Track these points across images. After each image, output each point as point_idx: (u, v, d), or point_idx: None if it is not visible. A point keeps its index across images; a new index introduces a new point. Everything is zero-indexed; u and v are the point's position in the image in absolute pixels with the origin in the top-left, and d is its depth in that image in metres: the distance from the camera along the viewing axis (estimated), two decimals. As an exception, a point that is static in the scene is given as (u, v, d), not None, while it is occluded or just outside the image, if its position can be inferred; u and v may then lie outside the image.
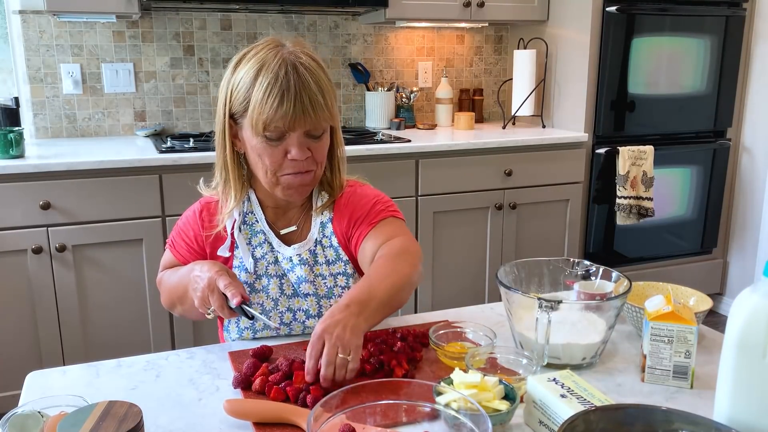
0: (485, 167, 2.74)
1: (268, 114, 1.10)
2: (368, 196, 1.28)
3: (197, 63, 2.88)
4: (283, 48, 1.14)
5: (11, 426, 0.82)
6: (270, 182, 1.18)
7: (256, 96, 1.11)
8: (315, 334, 0.97)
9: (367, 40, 3.13)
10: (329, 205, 1.27)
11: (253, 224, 1.26)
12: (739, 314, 0.80)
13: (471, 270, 2.83)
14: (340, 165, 1.27)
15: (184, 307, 1.23)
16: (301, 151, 1.13)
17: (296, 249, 1.25)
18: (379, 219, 1.24)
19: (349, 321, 0.98)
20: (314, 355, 0.96)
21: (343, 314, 0.99)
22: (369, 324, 1.02)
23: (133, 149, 2.45)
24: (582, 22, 2.86)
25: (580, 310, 1.07)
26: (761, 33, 3.10)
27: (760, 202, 3.16)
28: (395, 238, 1.19)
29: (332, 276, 1.26)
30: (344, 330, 0.97)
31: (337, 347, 0.95)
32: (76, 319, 2.29)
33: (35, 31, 2.64)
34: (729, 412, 0.82)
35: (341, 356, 0.95)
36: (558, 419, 0.83)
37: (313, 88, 1.11)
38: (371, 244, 1.20)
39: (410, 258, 1.16)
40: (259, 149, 1.14)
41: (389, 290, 1.07)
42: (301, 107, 1.10)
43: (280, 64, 1.11)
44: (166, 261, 1.31)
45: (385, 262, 1.13)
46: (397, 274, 1.10)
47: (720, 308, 3.36)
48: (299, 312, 1.25)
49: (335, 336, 0.96)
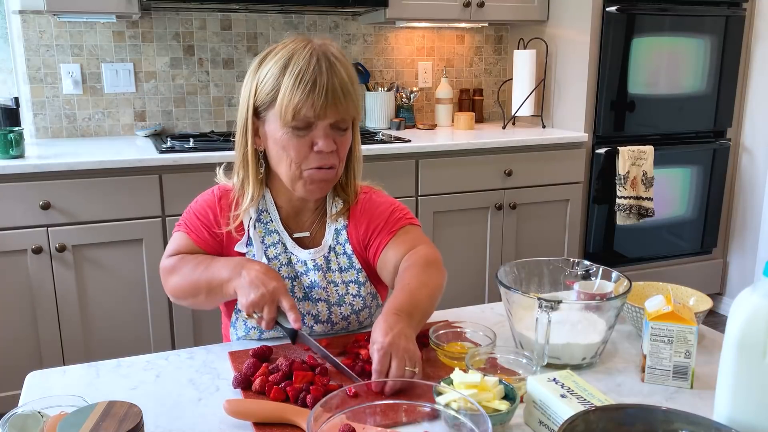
0: (485, 167, 2.74)
1: (299, 99, 1.09)
2: (384, 204, 1.27)
3: (197, 63, 2.88)
4: (311, 42, 1.15)
5: (11, 426, 0.82)
6: (293, 176, 1.16)
7: (286, 83, 1.10)
8: (381, 348, 0.96)
9: (367, 40, 3.13)
10: (344, 212, 1.26)
11: (268, 223, 1.25)
12: (739, 314, 0.80)
13: (471, 270, 2.83)
14: (356, 166, 1.26)
15: (206, 298, 1.17)
16: (328, 143, 1.13)
17: (312, 254, 1.24)
18: (399, 227, 1.23)
19: (407, 331, 0.99)
20: (384, 371, 0.96)
21: (400, 324, 0.99)
22: (416, 333, 1.03)
23: (133, 149, 2.46)
24: (582, 22, 2.86)
25: (580, 310, 1.07)
26: (761, 33, 3.10)
27: (760, 202, 3.16)
28: (419, 247, 1.20)
29: (344, 284, 1.25)
30: (408, 342, 0.97)
31: (405, 360, 0.96)
32: (76, 319, 2.29)
33: (35, 31, 2.64)
34: (729, 412, 0.82)
35: (409, 369, 0.95)
36: (558, 419, 0.83)
37: (344, 76, 1.12)
38: (393, 253, 1.20)
39: (438, 266, 1.18)
40: (284, 141, 1.14)
41: (429, 299, 1.09)
42: (333, 95, 1.10)
43: (311, 53, 1.11)
44: (181, 245, 1.23)
45: (417, 272, 1.14)
46: (432, 283, 1.13)
47: (720, 308, 3.36)
48: (308, 316, 1.23)
49: (402, 349, 0.96)
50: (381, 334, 0.97)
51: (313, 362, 1.05)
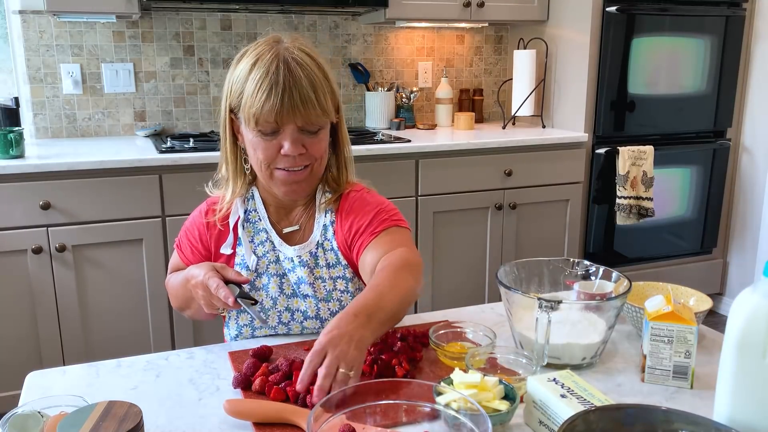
0: (485, 167, 2.74)
1: (257, 108, 1.11)
2: (371, 204, 1.25)
3: (197, 63, 2.88)
4: (280, 44, 1.15)
5: (11, 426, 0.82)
6: (265, 176, 1.18)
7: (248, 90, 1.12)
8: (319, 343, 0.92)
9: (367, 40, 3.13)
10: (333, 202, 1.26)
11: (256, 222, 1.26)
12: (739, 314, 0.80)
13: (471, 270, 2.83)
14: (347, 164, 1.26)
15: (192, 310, 1.25)
16: (294, 147, 1.13)
17: (297, 250, 1.24)
18: (382, 229, 1.22)
19: (356, 334, 0.93)
20: (312, 365, 0.91)
21: (350, 326, 0.94)
22: (375, 336, 0.98)
23: (133, 149, 2.45)
24: (582, 22, 2.86)
25: (580, 310, 1.07)
26: (761, 33, 3.10)
27: (760, 202, 3.16)
28: (397, 249, 1.16)
29: (332, 279, 1.25)
30: (349, 344, 0.92)
31: (339, 361, 0.90)
32: (76, 319, 2.29)
33: (35, 31, 2.64)
34: (729, 412, 0.82)
35: (342, 371, 0.90)
36: (558, 419, 0.83)
37: (303, 83, 1.11)
38: (372, 255, 1.18)
39: (413, 271, 1.13)
40: (254, 143, 1.15)
41: (396, 302, 1.04)
42: (290, 102, 1.10)
43: (272, 59, 1.12)
44: (174, 263, 1.32)
45: (390, 273, 1.09)
46: (403, 286, 1.07)
47: (720, 308, 3.36)
48: (297, 312, 1.24)
49: (339, 350, 0.91)
50: (324, 333, 0.93)
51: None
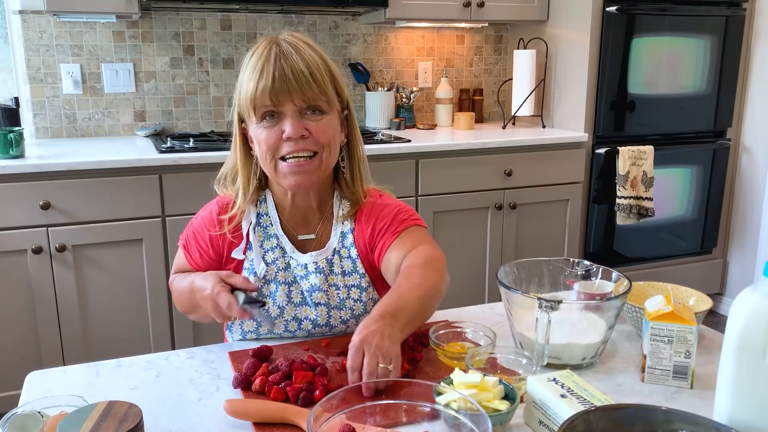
0: (485, 167, 2.74)
1: (251, 91, 1.10)
2: (390, 206, 1.26)
3: (197, 63, 2.88)
4: (277, 36, 1.15)
5: (11, 426, 0.82)
6: (270, 168, 1.16)
7: (244, 81, 1.13)
8: (353, 345, 0.96)
9: (367, 40, 3.13)
10: (351, 214, 1.25)
11: (267, 227, 1.24)
12: (739, 314, 0.80)
13: (471, 270, 2.83)
14: (360, 166, 1.25)
15: (197, 315, 1.21)
16: (295, 128, 1.11)
17: (313, 257, 1.23)
18: (403, 228, 1.22)
19: (386, 330, 0.97)
20: (356, 367, 0.95)
21: (378, 324, 0.97)
22: (403, 334, 1.01)
23: (133, 149, 2.45)
24: (582, 22, 2.86)
25: (580, 310, 1.07)
26: (761, 33, 3.10)
27: (760, 202, 3.16)
28: (420, 247, 1.18)
29: (346, 287, 1.23)
30: (382, 339, 0.95)
31: (377, 357, 0.94)
32: (76, 319, 2.29)
33: (35, 31, 2.64)
34: (729, 412, 0.82)
35: (382, 366, 0.94)
36: (558, 419, 0.83)
37: (294, 59, 1.10)
38: (396, 254, 1.18)
39: (437, 267, 1.14)
40: (258, 135, 1.14)
41: (419, 301, 1.06)
42: (282, 80, 1.09)
43: (266, 46, 1.13)
44: (179, 264, 1.28)
45: (413, 272, 1.11)
46: (426, 284, 1.09)
47: (720, 308, 3.36)
48: (305, 321, 1.22)
49: (374, 346, 0.94)
50: (356, 333, 0.97)
51: (313, 362, 1.05)
